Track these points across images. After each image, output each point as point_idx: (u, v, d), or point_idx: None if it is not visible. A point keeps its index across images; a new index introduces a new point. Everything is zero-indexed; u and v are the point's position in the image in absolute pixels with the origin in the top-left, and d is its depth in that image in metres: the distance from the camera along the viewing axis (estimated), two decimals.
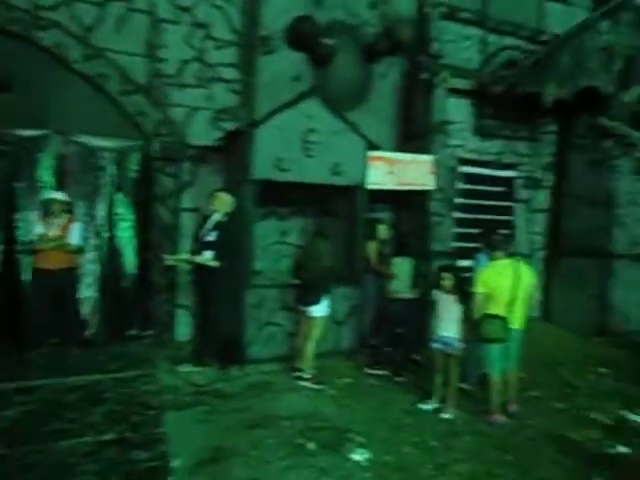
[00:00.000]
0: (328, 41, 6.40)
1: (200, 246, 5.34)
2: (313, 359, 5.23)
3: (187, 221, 6.19)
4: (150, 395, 4.60)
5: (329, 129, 5.79)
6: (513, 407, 4.75)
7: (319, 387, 5.09)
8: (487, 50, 7.98)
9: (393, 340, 5.76)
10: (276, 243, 6.74)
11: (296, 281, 5.43)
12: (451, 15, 7.54)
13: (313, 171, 5.72)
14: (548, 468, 3.85)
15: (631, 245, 7.81)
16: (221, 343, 5.48)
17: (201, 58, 6.21)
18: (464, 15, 7.67)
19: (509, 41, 8.13)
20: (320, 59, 6.52)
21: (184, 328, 6.16)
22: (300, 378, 5.22)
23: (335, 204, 6.47)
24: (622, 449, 4.18)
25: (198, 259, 5.23)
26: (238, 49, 6.39)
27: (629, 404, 5.08)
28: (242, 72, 6.39)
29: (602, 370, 6.14)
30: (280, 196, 6.32)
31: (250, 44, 6.38)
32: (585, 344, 7.29)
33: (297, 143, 5.64)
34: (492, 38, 7.98)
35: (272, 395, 4.92)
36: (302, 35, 6.31)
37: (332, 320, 5.83)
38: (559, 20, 8.53)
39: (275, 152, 5.50)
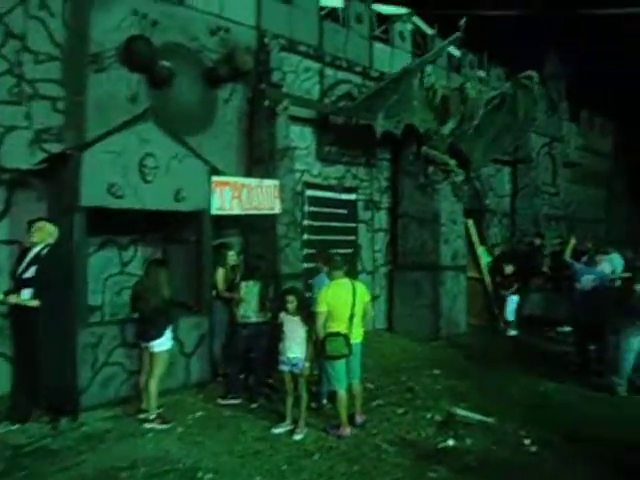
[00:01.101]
0: (165, 63, 6.22)
1: (18, 284, 4.66)
2: (158, 397, 4.87)
3: (2, 255, 5.38)
4: None
5: (169, 153, 5.58)
6: (360, 418, 4.97)
7: (166, 427, 4.75)
8: (325, 82, 8.55)
9: (245, 366, 5.67)
10: (116, 274, 6.24)
11: (135, 315, 5.04)
12: (290, 48, 7.93)
13: (153, 197, 5.44)
14: (390, 472, 4.09)
15: (454, 259, 8.93)
16: (49, 392, 4.80)
17: (16, 72, 5.53)
18: (302, 49, 8.12)
19: (344, 75, 8.81)
20: (158, 81, 6.30)
21: (2, 380, 5.28)
22: (145, 420, 4.82)
23: (180, 230, 6.24)
24: (451, 442, 4.64)
25: (13, 299, 4.53)
26: (62, 65, 5.84)
27: (457, 400, 5.70)
28: (68, 90, 5.85)
29: (436, 371, 6.82)
30: (119, 224, 5.91)
31: (77, 60, 5.90)
32: (423, 349, 8.06)
33: (133, 168, 5.31)
34: (329, 72, 8.58)
35: (111, 444, 4.44)
36: (137, 55, 6.04)
37: (179, 352, 5.56)
38: (385, 59, 9.54)
39: (107, 177, 5.10)
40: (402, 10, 9.96)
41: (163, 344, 4.78)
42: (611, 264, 7.95)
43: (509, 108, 9.00)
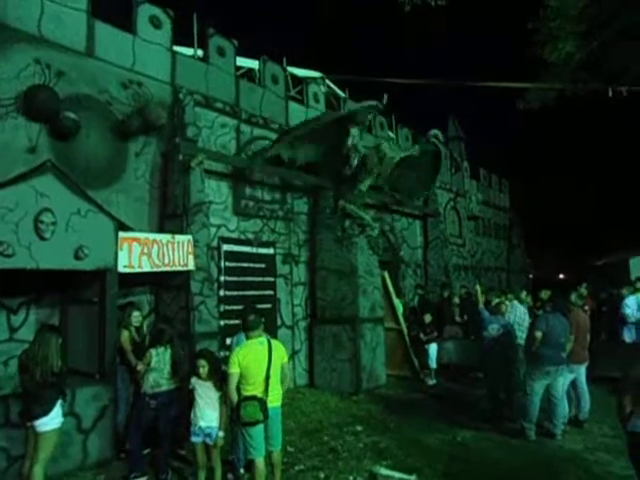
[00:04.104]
0: (70, 114, 5.92)
1: None
2: None
3: None
4: None
5: (70, 209, 5.21)
6: None
7: None
8: (242, 138, 8.62)
9: (153, 439, 5.15)
10: (3, 342, 5.55)
11: (20, 389, 4.43)
12: (206, 104, 7.96)
13: (49, 256, 4.99)
14: None
15: (372, 310, 9.06)
16: None
17: None
18: (219, 105, 8.18)
19: (261, 132, 8.97)
20: (61, 132, 5.96)
21: None
22: None
23: (82, 290, 5.74)
24: None
25: None
26: None
27: (379, 457, 5.58)
28: None
29: (358, 428, 6.66)
30: (8, 285, 5.33)
31: None
32: (344, 405, 7.89)
33: (27, 224, 4.87)
34: (246, 128, 8.69)
35: None
36: (38, 105, 5.70)
37: (76, 429, 4.96)
38: (301, 118, 9.87)
39: None
40: (315, 73, 10.51)
41: (50, 422, 4.14)
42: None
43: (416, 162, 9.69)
